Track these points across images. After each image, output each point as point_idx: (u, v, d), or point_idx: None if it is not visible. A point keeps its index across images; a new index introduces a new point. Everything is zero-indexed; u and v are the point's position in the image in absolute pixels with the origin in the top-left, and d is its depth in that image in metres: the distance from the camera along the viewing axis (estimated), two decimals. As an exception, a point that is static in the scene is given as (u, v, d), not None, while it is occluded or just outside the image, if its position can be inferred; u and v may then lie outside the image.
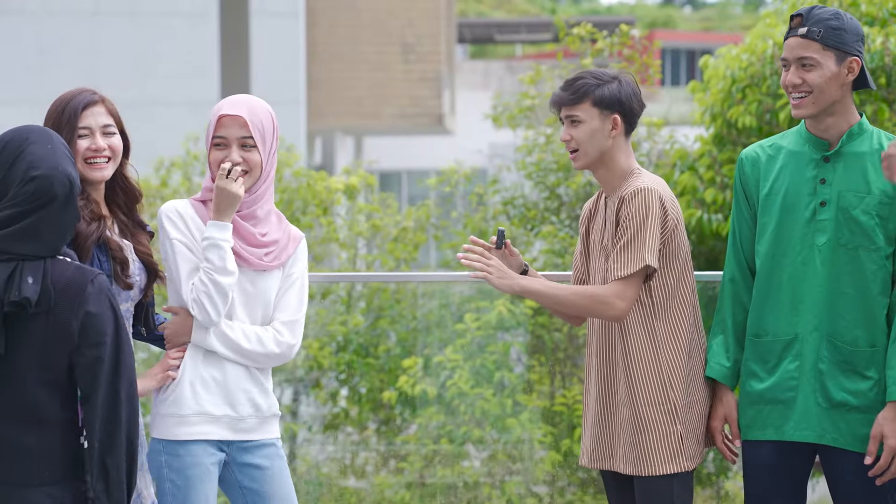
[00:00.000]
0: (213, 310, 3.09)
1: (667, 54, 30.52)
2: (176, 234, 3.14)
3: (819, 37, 3.11)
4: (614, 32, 7.51)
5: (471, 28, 27.04)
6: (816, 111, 3.15)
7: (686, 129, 7.64)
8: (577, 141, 3.29)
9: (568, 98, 3.28)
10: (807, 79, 3.12)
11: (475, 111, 13.20)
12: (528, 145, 7.30)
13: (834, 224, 3.14)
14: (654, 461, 3.23)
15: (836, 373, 3.14)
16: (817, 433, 3.16)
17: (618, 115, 3.28)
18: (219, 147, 3.18)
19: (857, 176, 3.14)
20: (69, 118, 3.12)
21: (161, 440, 3.13)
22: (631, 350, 3.27)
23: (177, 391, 3.13)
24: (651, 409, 3.24)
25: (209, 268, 3.10)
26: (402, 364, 6.30)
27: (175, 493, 3.10)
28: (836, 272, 3.14)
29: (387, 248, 7.29)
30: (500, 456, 6.09)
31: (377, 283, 6.69)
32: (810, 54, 3.12)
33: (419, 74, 17.13)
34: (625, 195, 3.24)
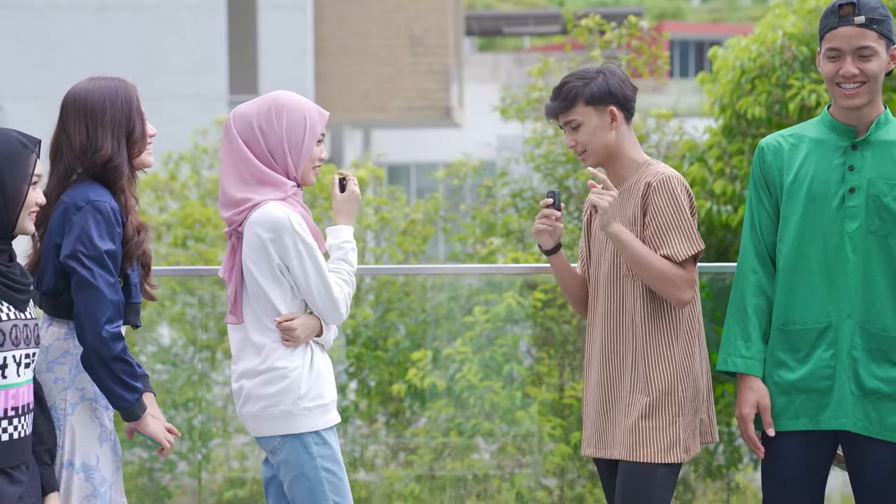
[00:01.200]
0: (349, 308, 3.27)
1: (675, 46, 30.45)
2: (311, 240, 3.20)
3: (877, 27, 3.08)
4: (622, 24, 7.48)
5: (479, 20, 27.01)
6: (869, 100, 3.13)
7: (695, 121, 7.62)
8: (582, 143, 3.32)
9: (560, 106, 3.32)
10: (864, 69, 3.09)
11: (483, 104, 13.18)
12: (536, 137, 7.29)
13: (864, 210, 3.12)
14: (650, 449, 3.24)
15: (868, 360, 3.13)
16: (852, 421, 3.14)
17: (613, 106, 3.29)
18: (319, 143, 3.30)
19: (887, 164, 3.12)
20: (137, 104, 3.17)
21: (308, 434, 3.19)
22: (644, 340, 3.26)
23: (315, 384, 3.21)
24: (660, 399, 3.24)
25: (351, 270, 3.28)
26: (411, 357, 6.30)
27: (332, 479, 3.20)
28: (867, 259, 3.12)
29: (395, 240, 7.29)
30: (509, 448, 6.08)
31: (386, 276, 6.69)
32: (869, 43, 3.08)
33: (427, 67, 17.12)
34: (654, 182, 3.26)
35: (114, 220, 3.04)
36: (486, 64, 23.24)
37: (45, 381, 3.07)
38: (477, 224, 7.22)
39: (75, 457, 3.08)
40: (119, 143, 3.10)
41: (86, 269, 3.00)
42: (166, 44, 15.84)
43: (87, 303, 3.00)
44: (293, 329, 3.19)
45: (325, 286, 3.19)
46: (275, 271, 3.19)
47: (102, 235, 3.02)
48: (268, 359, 3.21)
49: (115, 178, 3.09)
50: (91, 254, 3.01)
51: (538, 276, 6.05)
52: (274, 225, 3.15)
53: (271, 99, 3.26)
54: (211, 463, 6.51)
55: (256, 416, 3.23)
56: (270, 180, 3.20)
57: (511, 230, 6.94)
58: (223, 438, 6.65)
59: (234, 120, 3.25)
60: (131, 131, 3.12)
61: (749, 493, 6.28)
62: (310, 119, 3.25)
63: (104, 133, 3.09)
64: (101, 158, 3.08)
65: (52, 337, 3.10)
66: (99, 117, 3.09)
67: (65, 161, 3.12)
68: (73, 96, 3.13)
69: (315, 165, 3.28)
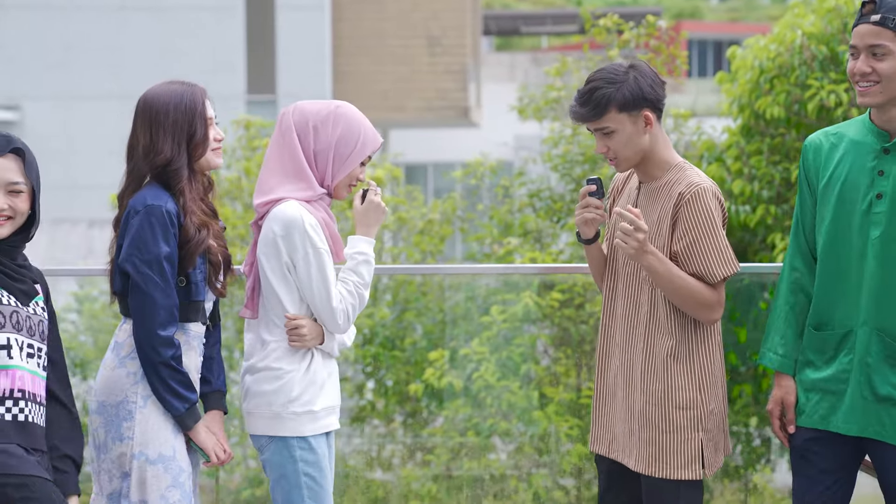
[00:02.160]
0: (352, 320, 3.27)
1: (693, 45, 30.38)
2: (322, 244, 3.21)
3: (893, 24, 3.02)
4: (641, 23, 7.47)
5: (496, 20, 27.00)
6: (883, 101, 3.07)
7: (713, 121, 7.60)
8: (615, 150, 3.19)
9: (590, 113, 3.15)
10: (877, 68, 3.04)
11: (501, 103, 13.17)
12: (553, 137, 7.28)
13: (887, 217, 3.08)
14: (669, 464, 3.19)
15: (883, 367, 3.11)
16: (861, 426, 3.13)
17: (647, 110, 3.17)
18: (363, 165, 3.32)
19: None
20: (202, 109, 3.21)
21: (293, 437, 3.22)
22: (667, 349, 3.20)
23: (308, 390, 3.23)
24: (677, 413, 3.20)
25: (360, 283, 3.27)
26: (428, 356, 6.30)
27: (311, 485, 3.23)
28: (887, 266, 3.08)
29: (413, 240, 7.29)
30: (526, 448, 6.08)
31: (403, 276, 6.69)
32: (883, 42, 3.03)
33: (445, 67, 17.12)
34: (687, 194, 3.15)
35: (168, 223, 3.11)
36: (503, 63, 23.22)
37: (118, 377, 3.15)
38: (494, 224, 7.21)
39: (149, 449, 3.14)
40: (179, 147, 3.17)
41: (138, 273, 3.10)
42: (184, 44, 15.89)
43: (138, 307, 3.10)
44: (301, 328, 3.21)
45: (327, 293, 3.20)
46: (283, 269, 3.21)
47: (157, 239, 3.10)
48: (268, 357, 3.24)
49: (174, 180, 3.16)
50: (144, 258, 3.09)
51: (555, 276, 6.04)
52: (287, 223, 3.18)
53: (334, 106, 3.30)
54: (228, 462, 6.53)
55: (249, 412, 3.27)
56: (305, 177, 3.24)
57: (528, 230, 6.93)
58: (240, 438, 6.67)
59: (294, 112, 3.29)
60: (192, 135, 3.18)
61: (767, 494, 6.26)
62: (363, 138, 3.27)
63: (165, 136, 3.16)
64: (161, 161, 3.16)
65: (125, 334, 3.19)
66: (162, 120, 3.17)
67: (135, 163, 3.21)
68: (143, 100, 3.22)
69: (352, 184, 3.30)
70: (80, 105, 15.55)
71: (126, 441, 3.15)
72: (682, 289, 3.14)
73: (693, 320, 3.22)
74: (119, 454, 3.16)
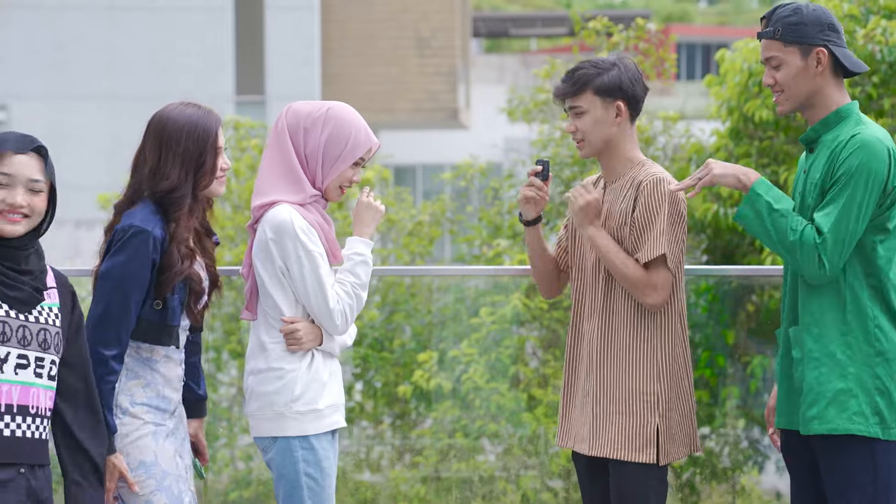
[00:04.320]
0: (351, 321, 3.27)
1: (682, 48, 30.43)
2: (314, 247, 3.20)
3: (779, 35, 3.12)
4: (630, 26, 7.48)
5: (486, 22, 27.01)
6: (793, 106, 3.16)
7: (702, 123, 7.62)
8: (582, 131, 3.30)
9: (569, 89, 3.29)
10: (777, 78, 3.14)
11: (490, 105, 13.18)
12: (543, 139, 7.29)
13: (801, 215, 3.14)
14: (625, 447, 3.24)
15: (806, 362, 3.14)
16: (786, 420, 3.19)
17: (621, 101, 3.28)
18: (355, 166, 3.31)
19: (818, 166, 3.13)
20: (214, 139, 3.18)
21: (296, 437, 3.21)
22: (629, 339, 3.27)
23: (311, 388, 3.23)
24: (632, 398, 3.25)
25: (357, 283, 3.26)
26: (417, 358, 6.30)
27: (312, 486, 3.22)
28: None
29: (402, 242, 7.29)
30: (515, 450, 6.08)
31: (392, 278, 6.69)
32: (773, 53, 3.14)
33: (434, 69, 17.12)
34: (644, 182, 3.25)
35: (151, 249, 3.09)
36: (492, 65, 23.24)
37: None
38: (483, 226, 7.22)
39: (129, 458, 3.13)
40: (187, 175, 3.14)
41: (104, 286, 3.09)
42: (174, 45, 15.86)
43: (91, 317, 3.10)
44: (297, 332, 3.21)
45: (323, 295, 3.19)
46: (278, 273, 3.21)
47: (131, 263, 3.08)
48: (268, 358, 3.24)
49: (174, 207, 3.13)
50: (113, 274, 3.08)
51: (544, 278, 6.04)
52: (278, 227, 3.18)
53: (326, 107, 3.29)
54: (216, 463, 6.52)
55: (253, 415, 3.27)
56: (297, 179, 3.24)
57: (518, 232, 6.94)
58: (228, 439, 6.66)
59: (287, 113, 3.29)
60: (201, 165, 3.15)
61: (754, 496, 6.27)
62: (353, 141, 3.26)
63: (174, 162, 3.14)
64: (166, 187, 3.13)
65: None
66: (173, 146, 3.14)
67: (137, 179, 3.18)
68: (157, 119, 3.19)
69: (344, 185, 3.29)
70: (69, 105, 15.52)
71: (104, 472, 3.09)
72: (615, 265, 3.24)
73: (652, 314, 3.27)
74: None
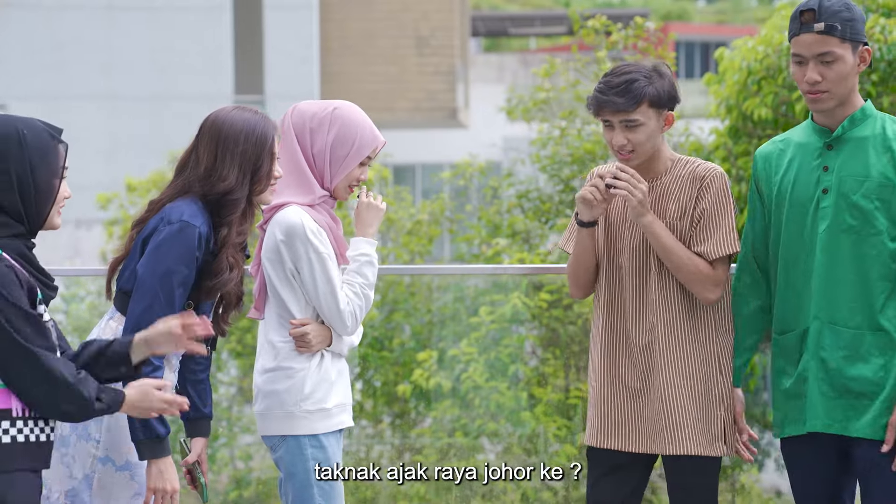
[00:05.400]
0: (360, 322, 3.27)
1: (681, 47, 30.43)
2: (325, 249, 3.19)
3: (838, 32, 3.06)
4: (629, 25, 7.48)
5: (485, 21, 27.00)
6: (835, 105, 3.12)
7: (701, 122, 7.62)
8: (634, 143, 3.24)
9: (626, 103, 3.21)
10: (827, 75, 3.08)
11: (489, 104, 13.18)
12: (542, 138, 7.28)
13: (833, 211, 3.11)
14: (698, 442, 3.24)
15: (839, 359, 3.12)
16: (824, 422, 3.13)
17: (670, 111, 3.28)
18: (362, 165, 3.29)
19: (857, 161, 3.11)
20: (271, 145, 3.13)
21: (305, 436, 3.21)
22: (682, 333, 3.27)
23: (320, 387, 3.23)
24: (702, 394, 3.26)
25: (365, 283, 3.26)
26: (416, 357, 6.30)
27: (323, 485, 3.21)
28: (834, 258, 3.11)
29: (401, 241, 7.29)
30: (514, 449, 6.08)
31: (392, 277, 6.69)
32: (831, 49, 3.07)
33: (433, 68, 17.12)
34: (707, 177, 3.26)
35: (197, 246, 3.02)
36: (492, 65, 23.23)
37: None
38: (483, 225, 7.22)
39: (115, 454, 3.06)
40: (244, 178, 3.08)
41: (147, 282, 2.99)
42: (173, 44, 15.86)
43: (133, 314, 2.99)
44: (306, 334, 3.21)
45: (333, 296, 3.19)
46: (287, 275, 3.21)
47: (179, 258, 3.00)
48: (277, 356, 3.23)
49: (229, 210, 3.07)
50: (158, 271, 2.99)
51: (544, 276, 6.05)
52: (288, 229, 3.17)
53: (332, 107, 3.27)
54: (216, 463, 6.52)
55: (261, 414, 3.25)
56: (306, 180, 3.23)
57: (517, 231, 6.94)
58: (228, 438, 6.66)
59: (293, 114, 3.28)
60: (258, 169, 3.09)
61: (754, 495, 6.27)
62: (360, 140, 3.25)
63: (232, 164, 3.07)
64: (223, 188, 3.06)
65: (109, 332, 3.10)
66: (231, 147, 3.08)
67: (187, 178, 3.11)
68: (213, 120, 3.12)
69: (352, 184, 3.28)
70: (68, 105, 15.51)
71: (91, 442, 3.05)
72: (679, 258, 3.22)
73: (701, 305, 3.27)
74: (82, 453, 3.05)
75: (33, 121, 2.79)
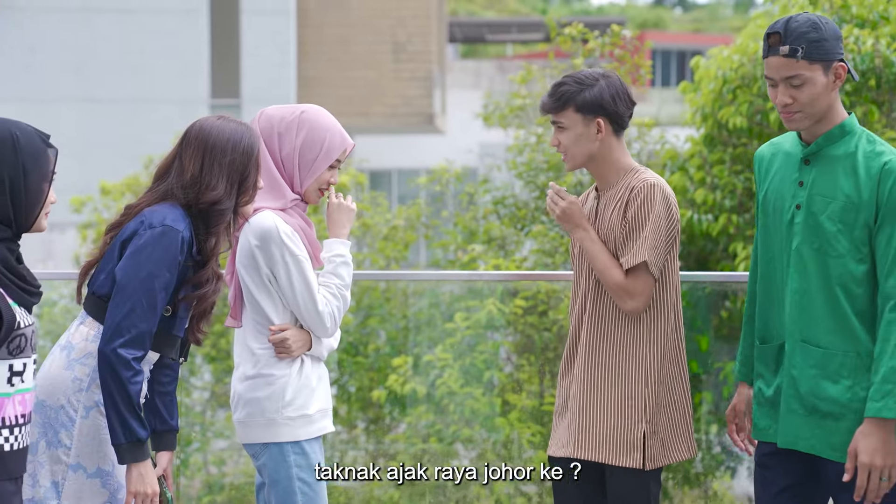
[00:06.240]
0: (339, 323, 3.26)
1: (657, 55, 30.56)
2: (299, 251, 3.19)
3: (804, 54, 3.04)
4: (605, 33, 7.51)
5: (462, 27, 27.04)
6: (809, 124, 3.11)
7: (676, 130, 7.66)
8: (564, 146, 3.36)
9: (552, 104, 3.34)
10: (798, 97, 3.06)
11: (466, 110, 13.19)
12: (518, 145, 7.30)
13: (803, 227, 3.11)
14: (615, 452, 3.28)
15: (809, 378, 3.12)
16: (791, 440, 3.14)
17: (602, 118, 3.30)
18: (332, 168, 3.30)
19: (827, 180, 3.09)
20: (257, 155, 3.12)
21: (288, 443, 3.20)
22: (619, 346, 3.31)
23: (301, 393, 3.22)
24: (620, 403, 3.29)
25: (342, 284, 3.27)
26: (391, 363, 6.29)
27: (306, 490, 3.21)
28: (805, 276, 3.11)
29: (377, 246, 7.28)
30: (489, 455, 6.08)
31: (367, 282, 6.68)
32: (798, 72, 3.05)
33: (410, 73, 17.12)
34: (636, 188, 3.29)
35: (178, 251, 2.99)
36: (468, 71, 23.26)
37: (63, 380, 3.02)
38: (458, 231, 7.22)
39: (87, 461, 3.02)
40: (232, 188, 3.06)
41: (128, 287, 2.95)
42: (149, 47, 15.79)
43: (112, 319, 2.95)
44: (286, 340, 3.20)
45: (311, 298, 3.19)
46: (264, 280, 3.20)
47: (161, 262, 2.96)
48: (257, 364, 3.23)
49: (216, 219, 3.04)
50: (140, 275, 2.95)
51: (519, 283, 6.06)
52: (262, 234, 3.17)
53: (299, 111, 3.27)
54: (189, 468, 6.49)
55: (243, 422, 3.24)
56: (276, 185, 3.23)
57: (493, 237, 6.94)
58: (201, 443, 6.63)
59: (260, 119, 3.28)
60: (245, 179, 3.07)
61: (726, 501, 6.30)
62: (328, 143, 3.25)
63: (220, 174, 3.04)
64: (210, 197, 3.03)
65: (80, 336, 3.06)
66: (219, 157, 3.05)
67: (169, 185, 3.07)
68: (199, 128, 3.08)
69: (322, 187, 3.28)
70: (42, 107, 15.42)
71: (62, 449, 3.01)
72: (598, 269, 3.31)
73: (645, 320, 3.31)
74: (51, 460, 3.01)
75: (25, 125, 2.78)
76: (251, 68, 16.15)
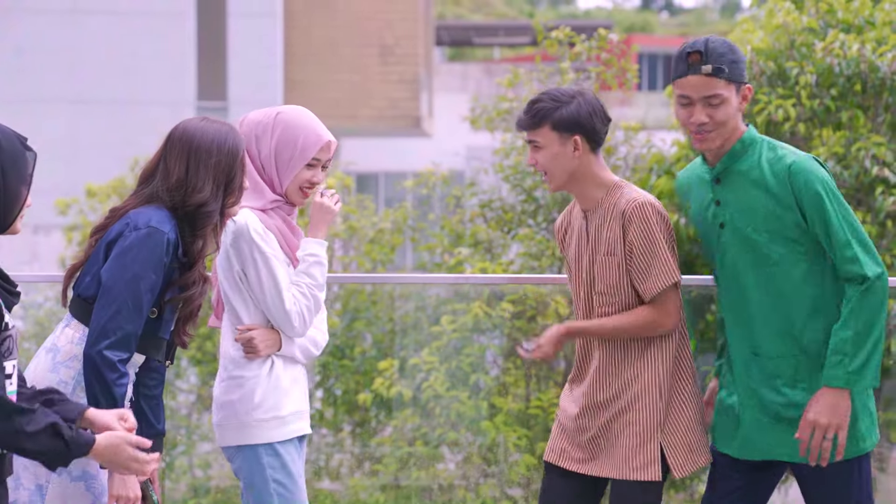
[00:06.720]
0: (310, 323, 3.23)
1: (644, 59, 30.63)
2: (269, 249, 3.18)
3: (725, 74, 3.09)
4: (592, 36, 7.51)
5: (449, 31, 27.05)
6: (721, 144, 3.16)
7: (663, 134, 7.67)
8: (542, 165, 3.31)
9: (528, 122, 3.29)
10: (714, 116, 3.11)
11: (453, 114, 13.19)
12: (505, 148, 7.30)
13: (731, 244, 3.16)
14: (630, 466, 3.24)
15: (767, 389, 3.14)
16: (762, 450, 3.16)
17: (578, 136, 3.27)
18: (312, 167, 3.27)
19: (742, 195, 3.14)
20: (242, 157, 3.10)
21: (261, 445, 3.19)
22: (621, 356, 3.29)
23: (272, 395, 3.20)
24: (635, 417, 3.26)
25: (313, 284, 3.23)
26: (377, 366, 6.29)
27: (281, 492, 3.20)
28: (744, 290, 3.15)
29: (363, 249, 7.28)
30: (474, 458, 6.08)
31: (353, 285, 6.68)
32: (718, 91, 3.10)
33: (397, 76, 17.12)
34: (628, 210, 3.24)
35: (164, 253, 2.97)
36: (455, 74, 23.28)
37: (48, 381, 3.00)
38: (445, 234, 7.22)
39: (71, 465, 2.95)
40: (218, 190, 3.03)
41: (113, 289, 2.93)
42: (136, 48, 15.75)
43: (98, 321, 2.94)
44: (252, 339, 3.19)
45: (279, 297, 3.18)
46: (236, 279, 3.20)
47: (147, 264, 2.95)
48: (229, 366, 3.24)
49: (203, 221, 3.02)
50: (126, 277, 2.93)
51: (506, 286, 6.06)
52: (234, 232, 3.18)
53: (275, 112, 3.28)
54: (174, 471, 6.47)
55: (219, 425, 3.25)
56: (256, 186, 3.23)
57: (479, 240, 6.94)
58: (187, 446, 6.61)
59: (243, 123, 3.29)
60: (231, 180, 3.05)
61: (713, 505, 6.30)
62: (303, 141, 3.24)
63: (206, 175, 3.02)
64: (197, 199, 3.01)
65: (65, 339, 3.05)
66: (204, 158, 3.02)
67: (154, 188, 3.05)
68: (183, 130, 3.06)
69: (304, 187, 3.27)
70: (29, 108, 15.36)
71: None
72: (623, 331, 3.26)
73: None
74: (36, 463, 2.95)
75: (4, 127, 2.76)
76: (238, 71, 16.13)
